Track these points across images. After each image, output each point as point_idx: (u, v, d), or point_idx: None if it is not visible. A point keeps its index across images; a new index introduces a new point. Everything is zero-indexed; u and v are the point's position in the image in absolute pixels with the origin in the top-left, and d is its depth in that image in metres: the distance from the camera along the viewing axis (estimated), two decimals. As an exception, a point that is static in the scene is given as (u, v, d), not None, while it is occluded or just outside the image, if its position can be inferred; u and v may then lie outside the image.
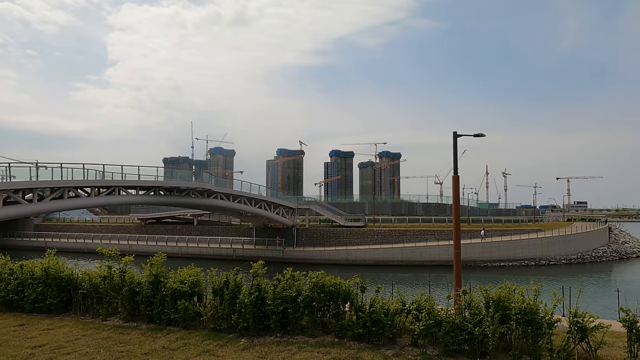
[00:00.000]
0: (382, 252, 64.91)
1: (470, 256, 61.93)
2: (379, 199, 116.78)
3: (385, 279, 43.81)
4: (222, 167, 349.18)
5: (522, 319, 9.96)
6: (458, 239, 19.83)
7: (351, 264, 63.29)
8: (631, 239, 78.89)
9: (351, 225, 74.05)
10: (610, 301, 26.82)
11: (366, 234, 71.77)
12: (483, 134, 21.55)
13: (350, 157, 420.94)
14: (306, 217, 76.16)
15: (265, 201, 66.35)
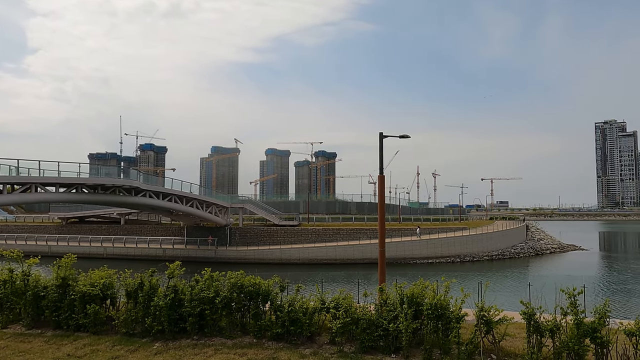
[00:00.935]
0: (315, 251, 65.35)
1: (401, 254, 63.88)
2: (314, 198, 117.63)
3: (317, 277, 44.21)
4: (153, 165, 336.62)
5: (433, 314, 10.33)
6: (383, 237, 20.32)
7: (285, 263, 63.20)
8: (545, 236, 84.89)
9: (285, 224, 73.93)
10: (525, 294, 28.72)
11: (300, 233, 71.93)
12: (408, 136, 22.20)
13: (286, 156, 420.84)
14: (240, 216, 75.11)
15: (197, 200, 64.64)
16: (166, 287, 12.07)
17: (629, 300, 35.54)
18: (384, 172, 20.77)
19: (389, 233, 69.46)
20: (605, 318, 9.61)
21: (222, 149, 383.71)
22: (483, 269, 57.65)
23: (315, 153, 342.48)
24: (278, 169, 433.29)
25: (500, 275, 51.14)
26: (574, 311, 9.65)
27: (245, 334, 12.01)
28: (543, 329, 9.84)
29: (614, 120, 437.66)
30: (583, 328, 9.43)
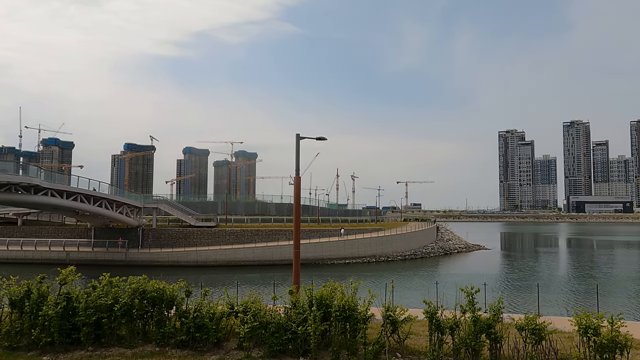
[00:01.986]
0: (233, 253, 64.13)
1: (319, 254, 64.54)
2: (233, 198, 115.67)
3: (233, 280, 43.31)
4: (58, 161, 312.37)
5: (342, 315, 10.39)
6: (298, 238, 20.27)
7: (201, 265, 61.34)
8: (454, 237, 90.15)
9: (202, 225, 71.82)
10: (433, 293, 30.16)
11: (218, 234, 70.25)
12: (325, 138, 22.39)
13: (205, 155, 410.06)
14: (153, 217, 71.78)
15: (106, 199, 60.79)
16: (57, 294, 11.03)
17: (523, 295, 38.60)
18: (301, 173, 20.74)
19: (308, 234, 69.98)
20: (499, 314, 10.22)
21: (137, 146, 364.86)
22: (396, 268, 59.87)
23: (236, 153, 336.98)
24: (196, 169, 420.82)
25: (411, 275, 53.37)
26: (472, 309, 10.17)
27: (147, 343, 11.32)
28: (444, 326, 10.28)
29: (514, 130, 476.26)
30: (479, 325, 9.97)
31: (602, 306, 27.50)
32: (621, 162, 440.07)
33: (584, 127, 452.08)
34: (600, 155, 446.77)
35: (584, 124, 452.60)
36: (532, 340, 10.06)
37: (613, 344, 9.51)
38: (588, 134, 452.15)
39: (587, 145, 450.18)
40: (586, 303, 33.11)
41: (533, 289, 33.40)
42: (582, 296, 38.65)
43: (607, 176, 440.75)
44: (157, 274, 11.83)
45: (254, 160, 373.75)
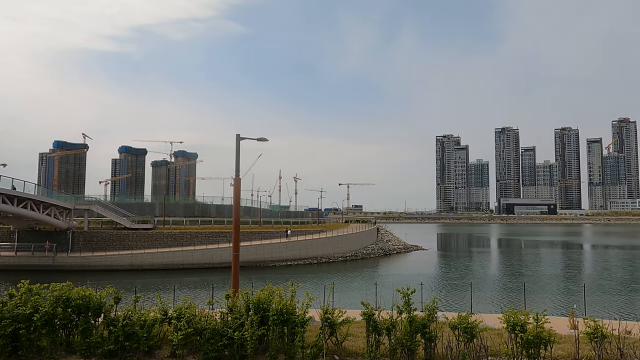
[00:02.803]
0: (171, 256, 62.07)
1: (261, 257, 63.89)
2: (172, 200, 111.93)
3: (169, 284, 41.90)
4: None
5: (279, 319, 10.23)
6: (237, 241, 19.89)
7: (137, 269, 58.85)
8: (393, 238, 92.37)
9: (138, 228, 69.03)
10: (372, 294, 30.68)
11: (155, 237, 67.80)
12: (266, 139, 22.16)
13: (142, 154, 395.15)
14: (85, 219, 68.13)
15: (32, 200, 56.93)
16: (-33, 304, 10.08)
17: (458, 294, 40.14)
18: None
19: (249, 236, 69.13)
20: (434, 314, 10.47)
21: (67, 144, 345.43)
22: (338, 269, 60.42)
23: (175, 153, 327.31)
24: (133, 169, 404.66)
25: (352, 276, 54.06)
26: (408, 309, 10.35)
27: (71, 354, 10.60)
28: (381, 327, 10.38)
29: (451, 135, 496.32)
30: (415, 325, 10.16)
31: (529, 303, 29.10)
32: (547, 166, 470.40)
33: (514, 133, 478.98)
34: (528, 160, 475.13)
35: (514, 130, 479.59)
36: (465, 339, 10.38)
37: (538, 339, 10.01)
38: (517, 140, 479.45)
39: (517, 151, 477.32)
40: (515, 300, 34.94)
41: (467, 288, 34.84)
42: (512, 293, 40.70)
43: (534, 180, 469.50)
44: (89, 279, 11.11)
45: (194, 160, 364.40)
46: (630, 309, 32.70)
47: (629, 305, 34.97)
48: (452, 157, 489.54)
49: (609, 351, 10.54)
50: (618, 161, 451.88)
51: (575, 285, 44.67)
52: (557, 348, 11.34)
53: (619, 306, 34.12)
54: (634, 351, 10.78)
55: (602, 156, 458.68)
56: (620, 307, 33.88)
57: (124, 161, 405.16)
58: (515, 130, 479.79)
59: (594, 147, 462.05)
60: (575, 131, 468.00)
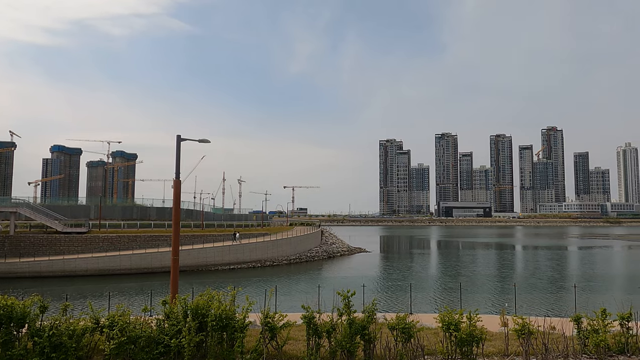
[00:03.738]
0: (107, 261, 59.28)
1: (203, 261, 62.45)
2: (109, 202, 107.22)
3: (104, 290, 40.01)
4: None
5: (218, 325, 10.02)
6: (177, 245, 19.33)
7: (70, 275, 55.73)
8: (337, 240, 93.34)
9: (71, 232, 65.46)
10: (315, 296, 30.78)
11: (90, 241, 64.57)
12: (208, 140, 21.69)
13: (77, 154, 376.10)
14: (11, 222, 63.73)
15: (-51, 202, 52.58)
16: None
17: (398, 295, 41.16)
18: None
19: (191, 239, 67.46)
20: (373, 315, 10.65)
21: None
22: (282, 273, 60.18)
23: (113, 153, 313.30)
24: (66, 169, 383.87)
25: (296, 279, 54.04)
26: (347, 311, 10.46)
27: (-9, 368, 9.83)
28: (321, 330, 10.42)
29: (394, 140, 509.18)
30: (354, 327, 10.28)
31: (465, 302, 30.30)
32: (482, 171, 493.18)
33: (453, 139, 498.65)
34: (466, 165, 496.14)
35: (453, 136, 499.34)
36: (402, 339, 10.63)
37: (471, 337, 10.44)
38: (456, 146, 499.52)
39: (455, 156, 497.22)
40: (452, 300, 36.31)
41: (407, 289, 35.80)
42: (450, 293, 42.24)
43: (471, 184, 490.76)
44: (15, 287, 10.35)
45: (133, 161, 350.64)
46: (556, 306, 34.85)
47: (556, 302, 37.27)
48: (394, 162, 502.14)
49: (535, 346, 11.16)
50: (546, 167, 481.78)
51: (507, 285, 46.99)
52: (488, 345, 11.87)
53: (546, 303, 36.27)
54: (557, 346, 11.48)
55: (533, 162, 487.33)
56: (547, 304, 36.03)
57: (56, 161, 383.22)
58: (454, 136, 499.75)
59: (525, 154, 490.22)
60: (509, 138, 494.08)
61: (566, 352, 11.28)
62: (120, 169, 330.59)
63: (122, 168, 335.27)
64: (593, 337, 11.11)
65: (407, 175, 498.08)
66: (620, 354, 11.33)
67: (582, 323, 11.61)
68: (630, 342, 11.58)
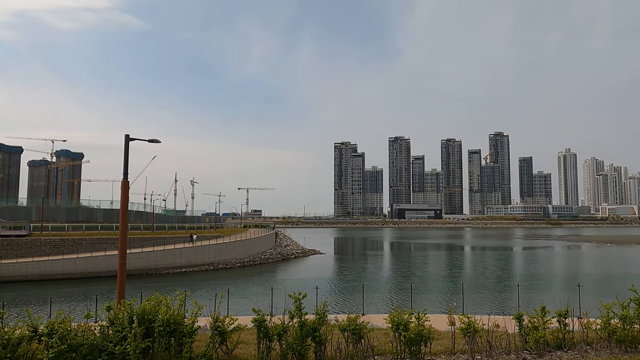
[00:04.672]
0: (49, 265, 56.42)
1: (153, 264, 60.67)
2: (52, 203, 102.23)
3: (46, 296, 38.06)
4: None
5: (166, 330, 9.75)
6: (124, 248, 18.68)
7: (7, 280, 52.64)
8: (292, 242, 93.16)
9: (10, 235, 61.90)
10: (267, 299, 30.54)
11: (31, 244, 61.26)
12: (158, 140, 21.09)
13: (17, 153, 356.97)
14: (-58, 225, 59.56)
15: None
16: None
17: (351, 296, 41.55)
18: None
19: (140, 242, 65.41)
20: (324, 317, 10.68)
21: None
22: (235, 275, 59.40)
23: (57, 152, 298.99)
24: (5, 168, 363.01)
25: (249, 282, 53.49)
26: (298, 314, 10.44)
27: None
28: (272, 333, 10.35)
29: (348, 142, 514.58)
30: (305, 329, 10.28)
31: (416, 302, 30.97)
32: (434, 174, 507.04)
33: (406, 142, 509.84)
34: (418, 168, 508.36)
35: (406, 140, 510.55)
36: (353, 340, 10.73)
37: (419, 337, 10.68)
38: (409, 149, 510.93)
39: (408, 159, 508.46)
40: (404, 300, 37.04)
41: (360, 290, 36.23)
42: (401, 294, 43.06)
43: (423, 187, 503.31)
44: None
45: (79, 161, 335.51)
46: (501, 305, 36.27)
47: (501, 301, 38.78)
48: (349, 164, 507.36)
49: (480, 344, 11.56)
50: (494, 171, 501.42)
51: (457, 285, 48.47)
52: (436, 344, 12.18)
53: (492, 302, 37.68)
54: (500, 343, 11.94)
55: (481, 166, 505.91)
56: (493, 303, 37.44)
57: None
58: (407, 140, 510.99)
59: (474, 158, 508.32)
60: (459, 142, 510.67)
61: (508, 349, 11.75)
62: (65, 168, 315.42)
63: (67, 168, 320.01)
64: (533, 333, 11.63)
65: (361, 177, 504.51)
66: (558, 349, 11.92)
67: (523, 321, 12.12)
68: (567, 338, 12.21)
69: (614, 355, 11.40)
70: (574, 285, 24.72)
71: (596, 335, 12.38)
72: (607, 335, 12.08)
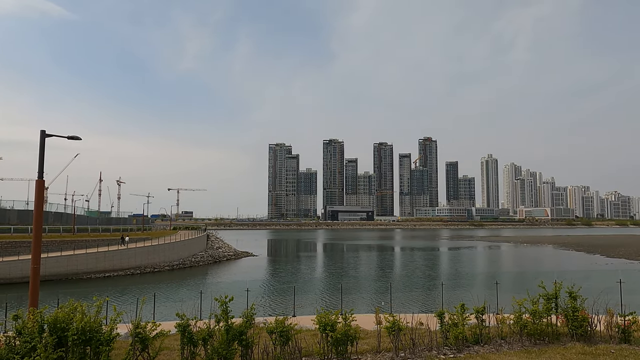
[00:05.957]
0: (-48, 271, 51.48)
1: (73, 269, 57.13)
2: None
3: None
4: None
5: (80, 339, 9.16)
6: (38, 252, 17.44)
7: None
8: (224, 245, 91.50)
9: None
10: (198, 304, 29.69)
11: None
12: (79, 137, 19.89)
13: None
14: None
15: None
16: None
17: (283, 298, 41.46)
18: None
19: (60, 245, 61.41)
20: (251, 320, 10.54)
21: None
22: (163, 279, 57.31)
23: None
24: None
25: (177, 286, 51.84)
26: (225, 317, 10.24)
27: None
28: (196, 339, 10.07)
29: (283, 144, 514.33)
30: (232, 333, 10.09)
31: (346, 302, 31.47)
32: (366, 177, 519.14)
33: (340, 145, 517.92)
34: (352, 170, 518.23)
35: (340, 142, 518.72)
36: (281, 342, 10.69)
37: (346, 337, 10.84)
38: (343, 152, 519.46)
39: (342, 162, 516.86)
40: (335, 301, 37.51)
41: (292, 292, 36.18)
42: (333, 294, 43.59)
43: (356, 189, 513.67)
44: None
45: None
46: (426, 303, 37.77)
47: (426, 299, 40.37)
48: (284, 165, 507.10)
49: (404, 342, 11.94)
50: (422, 174, 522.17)
51: (386, 284, 49.87)
52: (362, 343, 12.43)
53: (418, 301, 39.16)
54: (423, 340, 12.41)
55: (411, 169, 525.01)
56: (419, 301, 38.92)
57: None
58: (341, 142, 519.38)
59: (405, 161, 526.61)
60: (390, 146, 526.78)
61: (430, 345, 12.23)
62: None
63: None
64: (453, 330, 12.18)
65: (295, 179, 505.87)
66: (475, 344, 12.57)
67: (444, 318, 12.67)
68: (484, 333, 12.91)
69: (525, 348, 12.21)
70: (492, 283, 26.27)
71: (510, 329, 13.20)
72: (519, 329, 12.91)
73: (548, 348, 11.98)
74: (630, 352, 11.36)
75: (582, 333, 12.79)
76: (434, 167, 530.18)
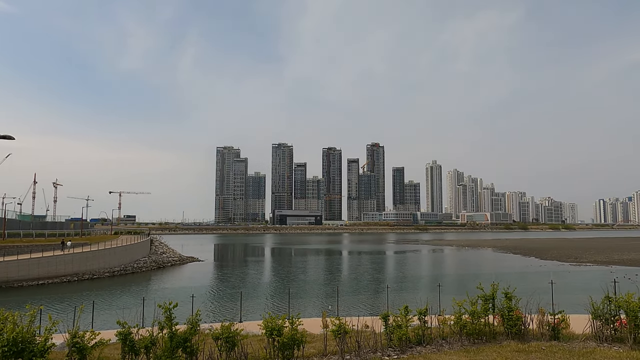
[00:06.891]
0: None
1: (3, 276, 53.61)
2: None
3: None
4: None
5: (12, 350, 8.67)
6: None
7: None
8: (168, 250, 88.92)
9: None
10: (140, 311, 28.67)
11: None
12: (12, 137, 18.76)
13: None
14: None
15: None
16: None
17: (229, 304, 40.86)
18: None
19: (-13, 252, 57.39)
20: (196, 327, 10.37)
21: None
22: (102, 286, 54.89)
23: None
24: None
25: (118, 293, 49.86)
26: (169, 324, 10.01)
27: None
28: (138, 347, 9.78)
29: (231, 147, 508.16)
30: (176, 340, 9.88)
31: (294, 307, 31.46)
32: (315, 181, 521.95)
33: (289, 149, 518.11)
34: (300, 175, 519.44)
35: (289, 147, 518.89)
36: (226, 348, 10.58)
37: (292, 341, 10.89)
38: (292, 156, 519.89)
39: (291, 166, 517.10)
40: (282, 305, 37.37)
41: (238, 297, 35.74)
42: (280, 299, 43.39)
43: (305, 193, 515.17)
44: None
45: None
46: (373, 306, 38.42)
47: (372, 302, 41.06)
48: (231, 169, 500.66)
49: (350, 344, 12.14)
50: (370, 179, 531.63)
51: (334, 288, 50.30)
52: (309, 347, 12.52)
53: (364, 304, 39.74)
54: (368, 342, 12.66)
55: (359, 174, 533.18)
56: (365, 304, 39.50)
57: None
58: (290, 146, 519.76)
59: (353, 166, 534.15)
60: (339, 151, 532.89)
61: (375, 347, 12.50)
62: None
63: None
64: (397, 332, 12.53)
65: (244, 183, 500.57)
66: (418, 345, 12.98)
67: (389, 320, 13.00)
68: (426, 334, 13.36)
69: (464, 347, 12.74)
70: (435, 285, 27.16)
71: (450, 330, 13.74)
72: (459, 329, 13.46)
73: (485, 347, 12.56)
74: (559, 349, 12.13)
75: (516, 332, 13.52)
76: (381, 172, 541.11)
